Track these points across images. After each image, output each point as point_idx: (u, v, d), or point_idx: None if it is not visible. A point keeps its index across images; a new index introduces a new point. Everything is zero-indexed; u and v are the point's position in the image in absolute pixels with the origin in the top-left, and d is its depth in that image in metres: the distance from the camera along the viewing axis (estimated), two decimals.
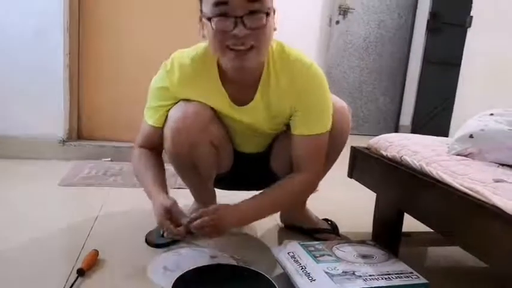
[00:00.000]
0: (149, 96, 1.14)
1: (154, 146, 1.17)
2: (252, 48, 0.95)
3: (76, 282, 0.97)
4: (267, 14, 0.95)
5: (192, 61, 1.08)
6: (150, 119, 1.14)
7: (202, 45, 1.09)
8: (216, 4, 0.92)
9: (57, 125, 2.26)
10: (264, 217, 1.13)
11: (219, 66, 1.06)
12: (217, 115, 1.14)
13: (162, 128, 1.13)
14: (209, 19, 0.94)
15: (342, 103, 1.20)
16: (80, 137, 2.42)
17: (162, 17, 2.42)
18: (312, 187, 1.17)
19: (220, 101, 1.10)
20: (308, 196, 1.33)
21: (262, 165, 1.27)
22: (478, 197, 0.83)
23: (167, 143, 1.12)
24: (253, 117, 1.12)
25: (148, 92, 1.14)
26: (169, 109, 1.11)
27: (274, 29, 1.00)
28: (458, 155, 1.09)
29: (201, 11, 0.98)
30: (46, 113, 2.23)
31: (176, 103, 1.11)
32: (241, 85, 1.07)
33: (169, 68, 1.09)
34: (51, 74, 2.21)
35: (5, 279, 0.99)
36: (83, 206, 1.57)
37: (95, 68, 2.40)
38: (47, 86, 2.21)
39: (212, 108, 1.12)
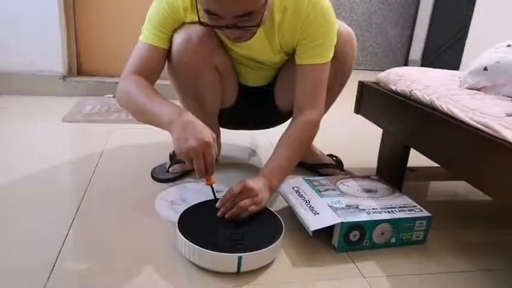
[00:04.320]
0: (152, 17, 1.04)
1: (151, 73, 1.05)
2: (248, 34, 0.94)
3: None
4: (261, 20, 0.88)
5: None
6: (150, 39, 1.04)
7: None
8: (207, 11, 0.85)
9: (56, 61, 2.20)
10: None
11: None
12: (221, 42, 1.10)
13: (164, 50, 1.05)
14: (203, 10, 0.86)
15: (347, 29, 1.15)
16: (80, 72, 2.37)
17: None
18: (316, 125, 1.13)
19: (220, 35, 1.06)
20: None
21: (265, 100, 1.25)
22: (489, 131, 0.81)
23: (171, 67, 1.08)
24: (255, 50, 1.08)
25: (149, 13, 1.05)
26: (173, 31, 1.05)
27: None
28: (470, 88, 1.06)
29: None
30: (44, 48, 2.17)
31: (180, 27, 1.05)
32: None
33: None
34: (47, 10, 2.11)
35: (12, 213, 1.02)
36: (88, 143, 1.57)
37: (91, 3, 2.28)
38: (44, 21, 2.13)
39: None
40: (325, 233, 0.93)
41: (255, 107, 1.27)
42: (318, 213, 0.95)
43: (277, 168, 1.03)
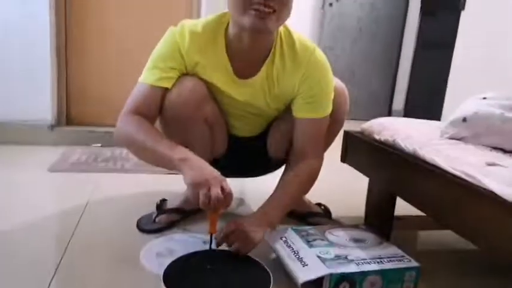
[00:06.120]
0: (154, 58, 1.08)
1: (151, 113, 1.07)
2: (274, 12, 0.97)
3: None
4: None
5: (203, 30, 1.07)
6: (153, 79, 1.05)
7: (211, 17, 1.10)
8: None
9: (45, 110, 2.22)
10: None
11: (226, 39, 1.08)
12: (213, 94, 1.13)
13: (164, 90, 1.06)
14: None
15: (341, 85, 1.22)
16: (69, 122, 2.38)
17: (150, 3, 2.38)
18: (317, 173, 1.18)
19: (223, 74, 1.09)
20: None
21: (257, 150, 1.27)
22: (471, 180, 0.82)
23: (162, 119, 1.11)
24: (254, 92, 1.12)
25: (151, 56, 1.08)
26: (177, 74, 1.07)
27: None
28: (451, 138, 1.09)
29: None
30: (34, 97, 2.19)
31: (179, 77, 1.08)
32: (247, 61, 1.09)
33: (180, 32, 1.07)
34: (38, 58, 2.16)
35: None
36: (74, 192, 1.55)
37: (82, 52, 2.35)
38: (35, 69, 2.16)
39: (208, 87, 1.10)
40: (315, 285, 0.91)
41: (246, 156, 1.29)
42: (306, 265, 0.93)
43: (278, 205, 1.09)
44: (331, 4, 3.89)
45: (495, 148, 1.00)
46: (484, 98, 1.12)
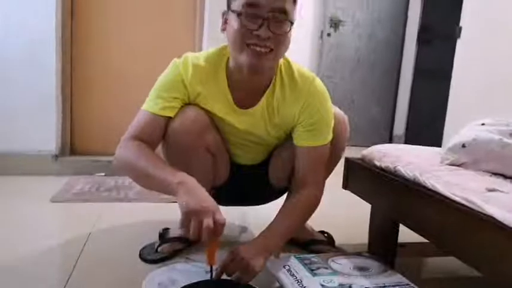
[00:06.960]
0: (158, 88, 1.09)
1: (152, 140, 1.08)
2: (271, 51, 1.01)
3: None
4: (291, 23, 1.01)
5: (205, 62, 1.10)
6: (157, 108, 1.07)
7: (212, 50, 1.14)
8: (248, 4, 0.98)
9: (50, 141, 2.24)
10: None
11: (227, 70, 1.11)
12: (215, 123, 1.15)
13: (166, 119, 1.08)
14: (238, 14, 0.99)
15: (341, 114, 1.25)
16: (73, 152, 2.40)
17: (152, 37, 2.46)
18: (318, 201, 1.19)
19: (224, 104, 1.12)
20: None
21: (259, 178, 1.28)
22: (471, 206, 0.83)
23: (165, 148, 1.13)
24: (254, 122, 1.14)
25: (154, 86, 1.11)
26: (180, 103, 1.09)
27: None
28: (451, 164, 1.10)
29: (229, 6, 1.03)
30: (39, 128, 2.22)
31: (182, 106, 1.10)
32: (248, 92, 1.12)
33: (184, 63, 1.10)
34: (43, 90, 2.21)
35: None
36: (76, 222, 1.55)
37: (87, 83, 2.40)
38: (40, 101, 2.21)
39: (210, 116, 1.12)
40: None
41: (248, 184, 1.29)
42: None
43: (278, 233, 1.09)
44: (329, 34, 3.99)
45: (495, 174, 1.01)
46: (483, 124, 1.13)
